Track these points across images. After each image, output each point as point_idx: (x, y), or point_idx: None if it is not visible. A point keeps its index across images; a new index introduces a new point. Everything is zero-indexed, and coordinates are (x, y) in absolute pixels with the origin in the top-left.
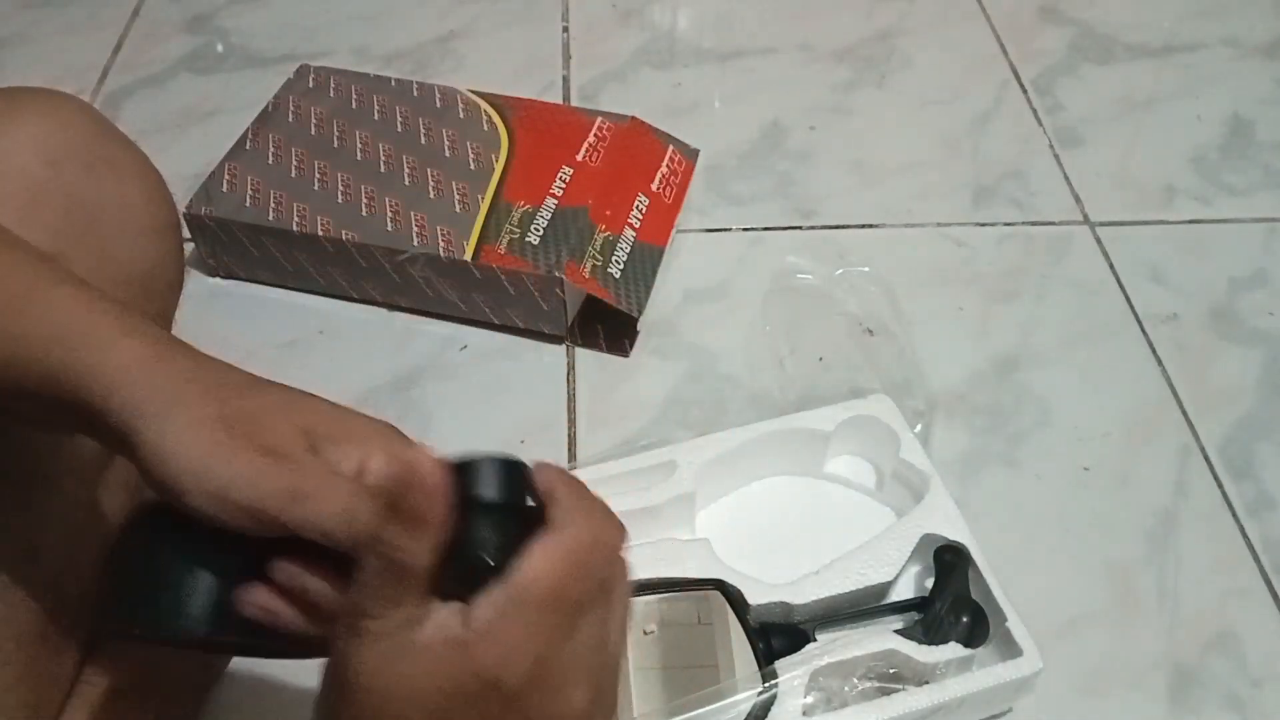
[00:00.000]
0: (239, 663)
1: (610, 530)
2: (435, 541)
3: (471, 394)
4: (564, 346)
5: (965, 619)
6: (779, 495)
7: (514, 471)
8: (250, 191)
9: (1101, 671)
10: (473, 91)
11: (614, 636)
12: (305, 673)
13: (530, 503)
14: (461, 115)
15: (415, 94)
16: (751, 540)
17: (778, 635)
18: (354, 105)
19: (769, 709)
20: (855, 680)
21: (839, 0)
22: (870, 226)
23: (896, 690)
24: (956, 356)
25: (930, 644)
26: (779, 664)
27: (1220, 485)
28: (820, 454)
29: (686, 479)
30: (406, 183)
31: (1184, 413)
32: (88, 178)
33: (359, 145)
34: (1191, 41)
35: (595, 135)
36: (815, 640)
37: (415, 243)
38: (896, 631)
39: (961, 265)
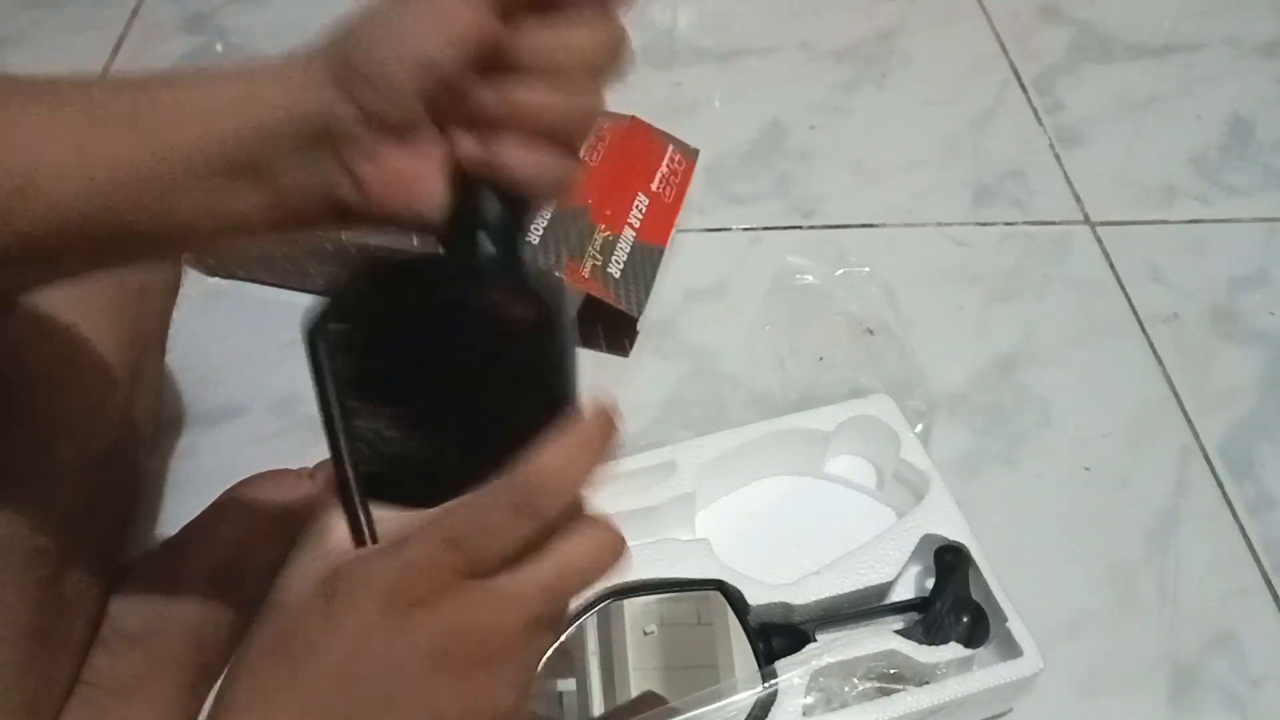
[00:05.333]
0: None
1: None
2: None
3: None
4: None
5: (965, 619)
6: (779, 495)
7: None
8: None
9: (1101, 671)
10: None
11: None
12: None
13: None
14: None
15: None
16: (751, 540)
17: (778, 635)
18: None
19: (769, 709)
20: (855, 680)
21: (839, 0)
22: (870, 226)
23: (897, 690)
24: (957, 356)
25: (930, 644)
26: (779, 664)
27: (1220, 485)
28: (820, 454)
29: (686, 479)
30: None
31: (1184, 413)
32: None
33: None
34: (1192, 41)
35: (595, 134)
36: (815, 640)
37: (415, 242)
38: (897, 632)
39: (962, 265)
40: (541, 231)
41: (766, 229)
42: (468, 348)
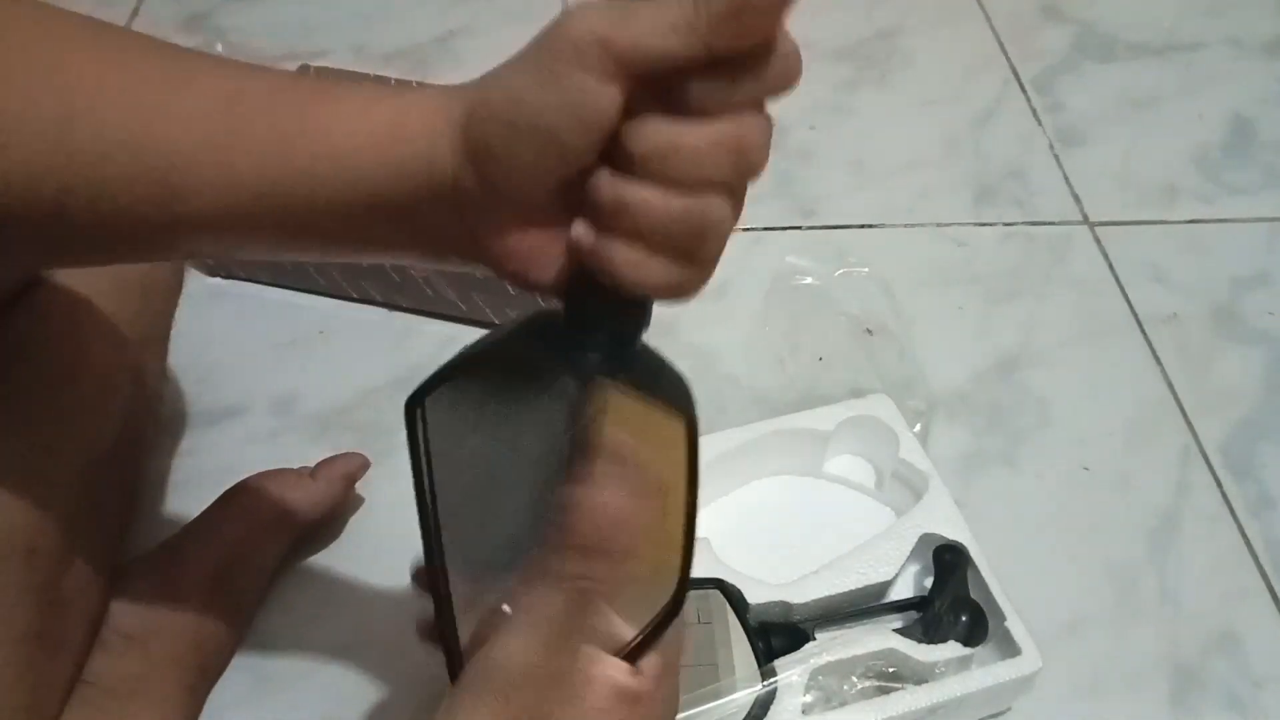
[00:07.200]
0: (239, 664)
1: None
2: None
3: None
4: None
5: (964, 618)
6: (779, 495)
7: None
8: None
9: (1101, 671)
10: None
11: None
12: (304, 675)
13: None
14: None
15: None
16: (751, 540)
17: (777, 634)
18: None
19: (768, 707)
20: (855, 679)
21: (839, 0)
22: (870, 226)
23: (896, 689)
24: (956, 356)
25: (929, 643)
26: (778, 663)
27: (1220, 485)
28: (820, 454)
29: None
30: None
31: (1184, 413)
32: None
33: None
34: (1193, 40)
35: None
36: (815, 639)
37: None
38: (896, 631)
39: (961, 265)
40: None
41: (766, 229)
42: (553, 438)
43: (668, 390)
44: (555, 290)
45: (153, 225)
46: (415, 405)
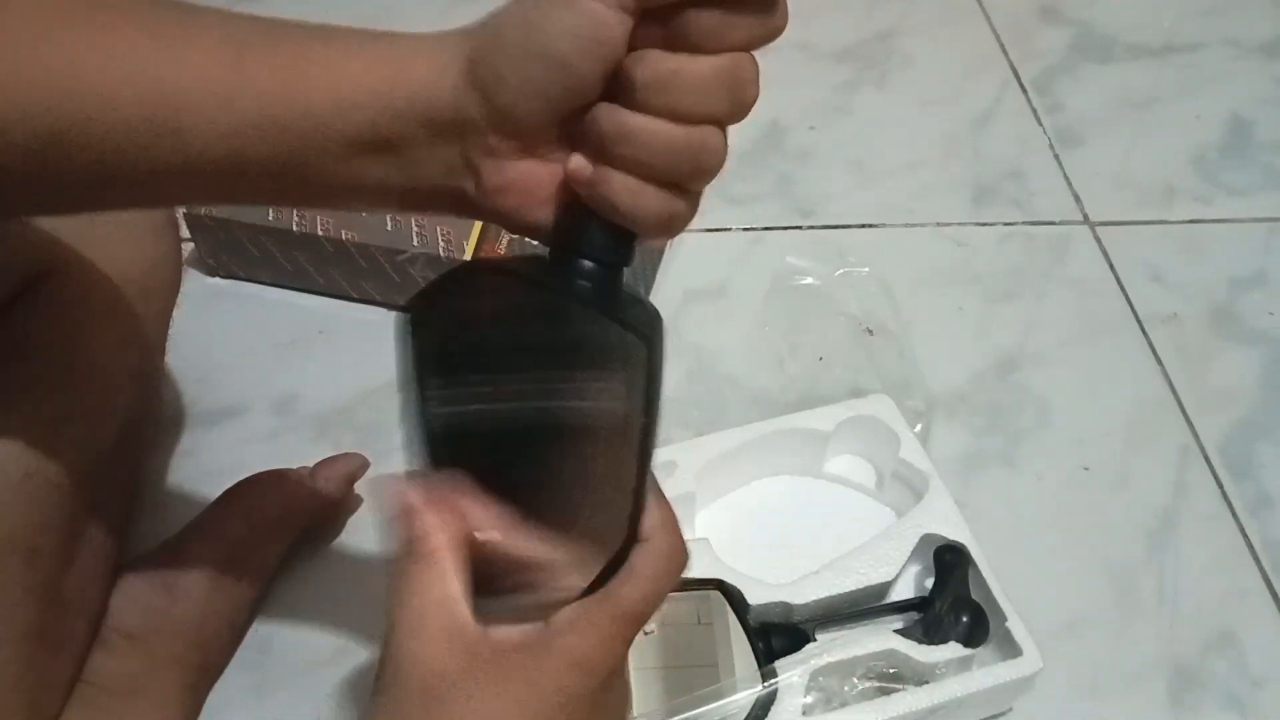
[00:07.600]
0: (239, 663)
1: (684, 557)
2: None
3: None
4: None
5: (965, 619)
6: (779, 495)
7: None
8: None
9: (1101, 671)
10: None
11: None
12: (304, 675)
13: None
14: None
15: None
16: (751, 540)
17: (778, 635)
18: None
19: (769, 708)
20: (855, 680)
21: (839, 0)
22: (870, 226)
23: (896, 690)
24: (956, 356)
25: (930, 644)
26: (779, 664)
27: (1220, 485)
28: (820, 454)
29: (686, 479)
30: None
31: (1184, 413)
32: None
33: None
34: (1191, 41)
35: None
36: (815, 640)
37: (415, 242)
38: (896, 631)
39: (961, 265)
40: None
41: (766, 229)
42: (541, 368)
43: (642, 320)
44: (545, 231)
45: (150, 168)
46: (411, 311)
